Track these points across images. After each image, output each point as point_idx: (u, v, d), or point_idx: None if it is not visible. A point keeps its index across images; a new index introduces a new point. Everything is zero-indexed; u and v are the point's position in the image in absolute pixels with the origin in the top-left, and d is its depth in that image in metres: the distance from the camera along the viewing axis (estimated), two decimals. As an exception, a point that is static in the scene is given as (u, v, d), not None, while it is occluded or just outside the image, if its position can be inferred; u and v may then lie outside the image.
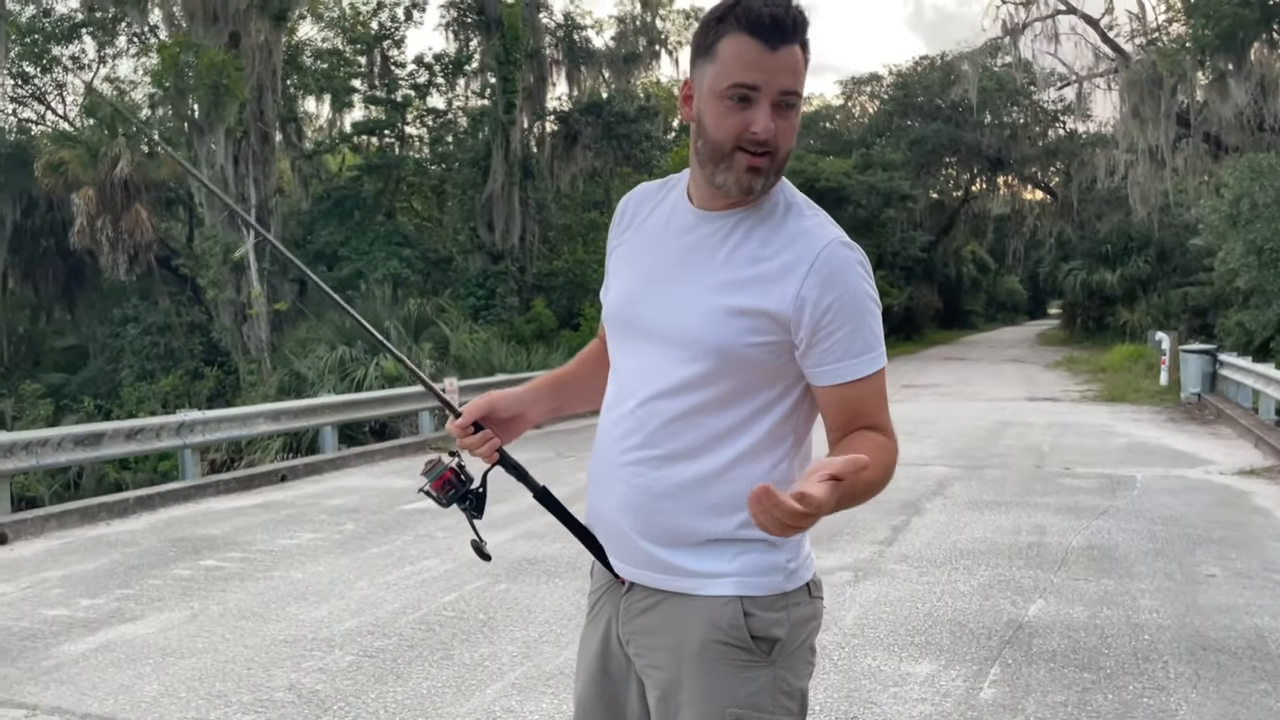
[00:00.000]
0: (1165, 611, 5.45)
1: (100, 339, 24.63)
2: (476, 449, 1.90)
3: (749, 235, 1.68)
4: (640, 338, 1.75)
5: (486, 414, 1.92)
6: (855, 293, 1.63)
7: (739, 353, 1.64)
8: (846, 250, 1.65)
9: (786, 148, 1.64)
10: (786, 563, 1.69)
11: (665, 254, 1.75)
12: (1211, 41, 24.55)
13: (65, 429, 8.98)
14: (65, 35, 26.05)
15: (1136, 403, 17.21)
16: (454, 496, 1.90)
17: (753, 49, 1.57)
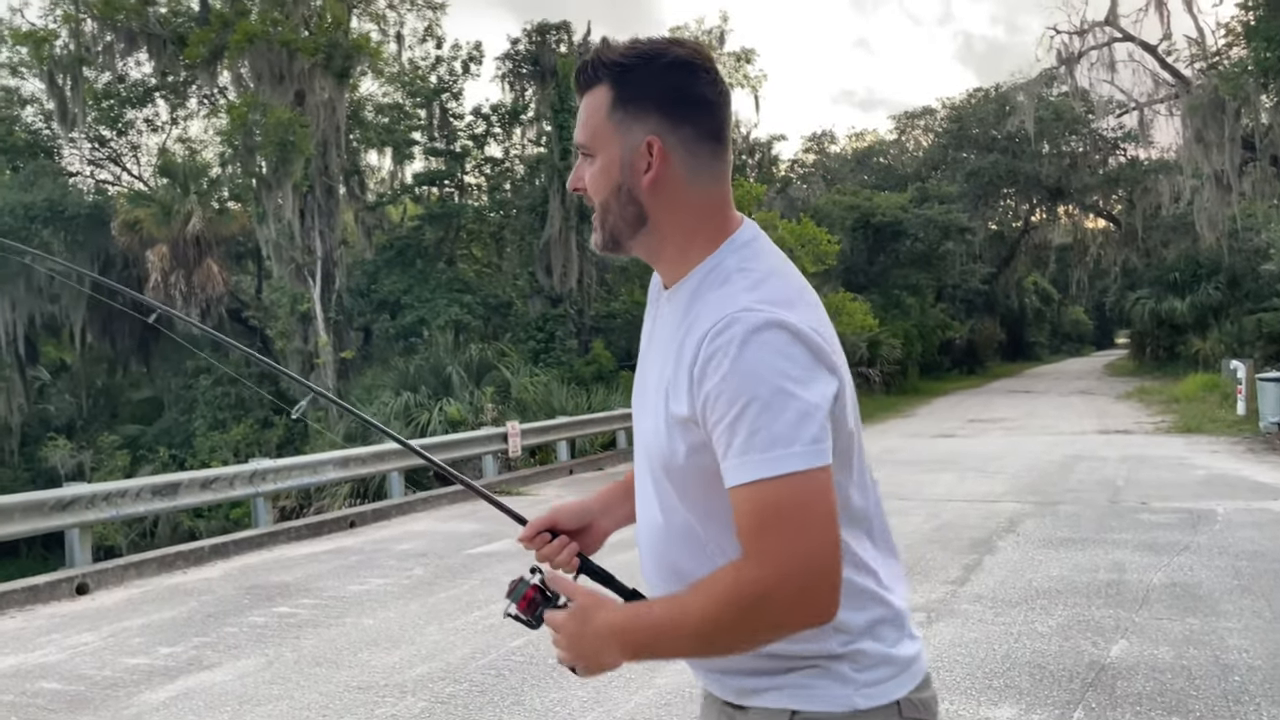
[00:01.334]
0: (1255, 651, 5.26)
1: (174, 390, 25.32)
2: (554, 558, 1.71)
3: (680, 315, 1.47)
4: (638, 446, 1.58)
5: (551, 526, 1.73)
6: (735, 374, 1.31)
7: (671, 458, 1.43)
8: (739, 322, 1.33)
9: (598, 199, 1.49)
10: (859, 671, 1.44)
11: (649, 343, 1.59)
12: (1275, 64, 24.06)
13: (143, 480, 9.24)
14: (139, 99, 27.11)
15: (1213, 433, 16.72)
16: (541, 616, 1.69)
17: None
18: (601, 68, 1.47)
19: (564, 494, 12.63)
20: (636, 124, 1.44)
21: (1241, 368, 19.02)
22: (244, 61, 21.38)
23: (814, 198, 36.76)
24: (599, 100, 1.47)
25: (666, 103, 1.44)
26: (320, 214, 22.31)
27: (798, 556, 1.30)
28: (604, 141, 1.47)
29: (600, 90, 1.47)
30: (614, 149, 1.46)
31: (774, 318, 1.33)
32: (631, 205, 1.47)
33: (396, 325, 24.29)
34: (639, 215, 1.47)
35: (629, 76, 1.45)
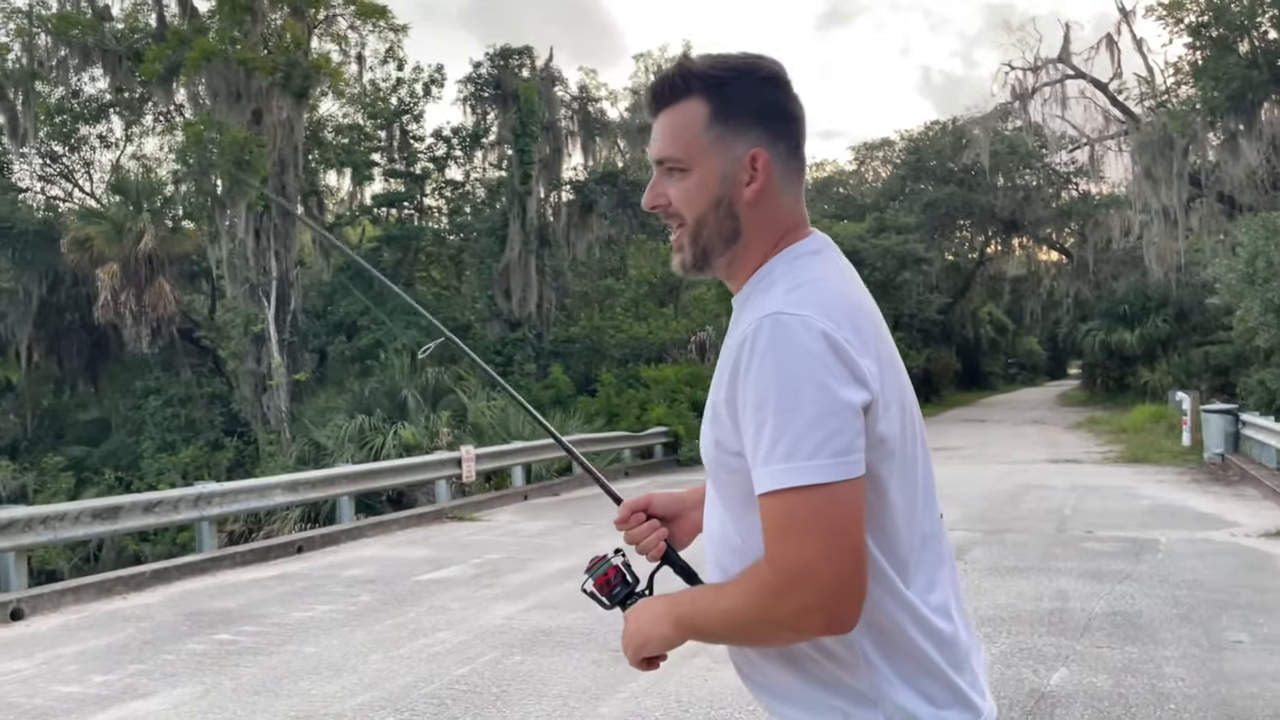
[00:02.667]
0: (1191, 680, 5.33)
1: (122, 411, 24.87)
2: (641, 541, 1.70)
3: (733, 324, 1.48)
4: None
5: (645, 508, 1.73)
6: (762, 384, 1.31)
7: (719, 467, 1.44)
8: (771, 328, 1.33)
9: (691, 214, 1.47)
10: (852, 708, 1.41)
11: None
12: (1221, 103, 24.78)
13: (83, 503, 9.04)
14: (93, 115, 26.77)
15: (1159, 463, 17.01)
16: (618, 597, 1.69)
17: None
18: (695, 80, 1.46)
19: (517, 519, 12.55)
20: (737, 138, 1.45)
21: (1187, 400, 19.39)
22: (201, 79, 21.19)
23: (773, 226, 37.02)
24: (692, 114, 1.46)
25: (766, 117, 1.46)
26: (276, 234, 22.11)
27: (805, 564, 1.29)
28: (701, 156, 1.46)
29: (692, 104, 1.46)
30: (713, 163, 1.45)
31: (802, 320, 1.32)
32: (730, 219, 1.47)
33: (353, 347, 24.09)
34: (735, 230, 1.47)
35: (728, 91, 1.45)
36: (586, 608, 7.26)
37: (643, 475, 17.67)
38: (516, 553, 9.95)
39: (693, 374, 21.45)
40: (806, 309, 1.34)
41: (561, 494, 15.28)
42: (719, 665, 5.74)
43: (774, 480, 1.30)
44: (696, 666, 5.73)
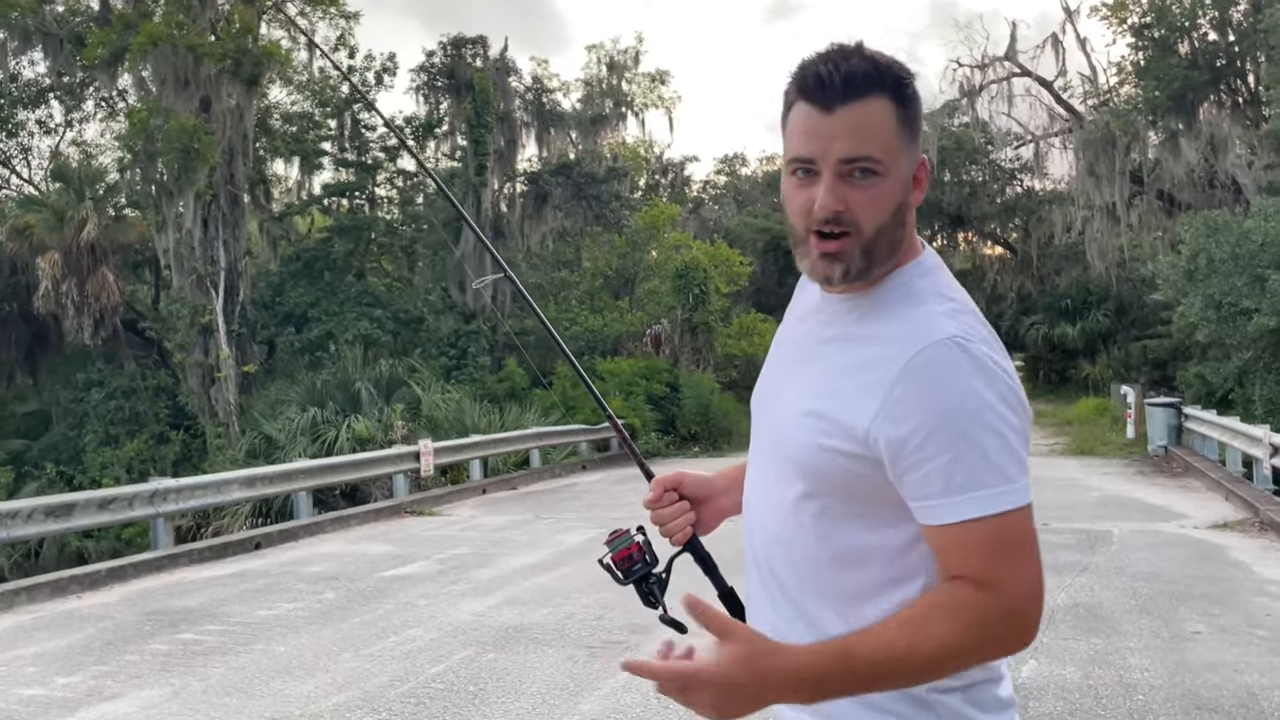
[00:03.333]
0: (1156, 671, 5.48)
1: (63, 404, 24.22)
2: (669, 524, 1.68)
3: (852, 331, 1.42)
4: (762, 442, 1.55)
5: (675, 487, 1.70)
6: (953, 409, 1.28)
7: (824, 469, 1.38)
8: (953, 352, 1.30)
9: (874, 223, 1.35)
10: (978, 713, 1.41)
11: (791, 347, 1.56)
12: (1163, 102, 25.37)
13: (36, 500, 8.81)
14: (32, 100, 25.99)
15: (1105, 456, 17.41)
16: (634, 575, 1.68)
17: (807, 115, 1.35)
18: (883, 75, 1.34)
19: (477, 514, 12.48)
20: (913, 144, 1.38)
21: (1131, 393, 19.88)
22: (146, 65, 20.68)
23: (726, 219, 37.21)
24: (885, 113, 1.34)
25: (920, 125, 1.40)
26: (225, 224, 21.69)
27: (1028, 583, 1.31)
28: (894, 159, 1.35)
29: (881, 102, 1.34)
30: (901, 167, 1.37)
31: (980, 351, 1.31)
32: (901, 228, 1.39)
33: (302, 339, 23.72)
34: (901, 239, 1.40)
35: (908, 92, 1.37)
36: (555, 605, 7.28)
37: (600, 469, 17.67)
38: (480, 548, 9.90)
39: (648, 367, 21.48)
40: (978, 334, 1.34)
41: (519, 487, 15.22)
42: (695, 660, 5.77)
43: (997, 502, 1.28)
44: (673, 662, 5.75)
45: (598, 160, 29.02)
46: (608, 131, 31.53)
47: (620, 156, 32.48)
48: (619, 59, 32.48)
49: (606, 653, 6.02)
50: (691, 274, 22.63)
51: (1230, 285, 17.46)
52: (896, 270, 1.41)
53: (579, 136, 30.24)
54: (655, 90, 33.69)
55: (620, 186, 28.21)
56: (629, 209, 27.72)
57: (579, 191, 26.20)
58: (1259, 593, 7.32)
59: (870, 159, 1.33)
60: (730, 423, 21.04)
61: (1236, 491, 11.52)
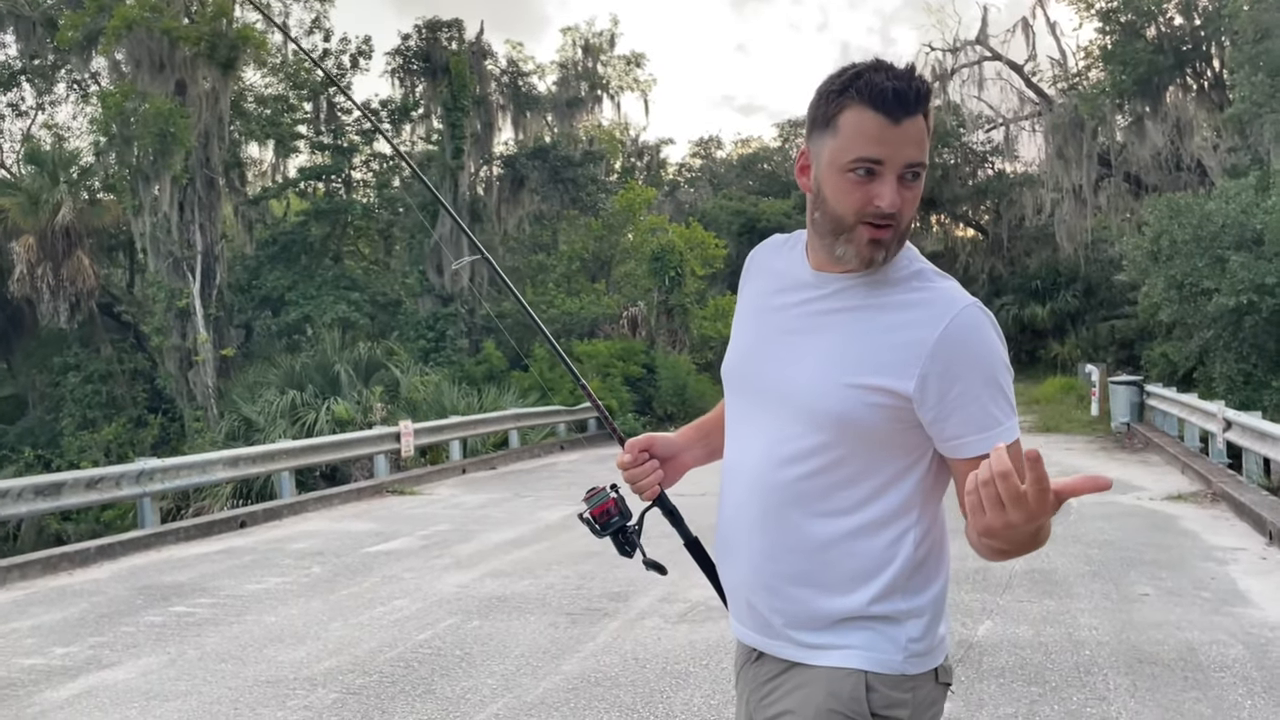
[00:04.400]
0: (1104, 629, 5.82)
1: (39, 388, 24.22)
2: (641, 480, 1.90)
3: (871, 302, 1.62)
4: (757, 404, 1.72)
5: (648, 448, 1.93)
6: (985, 364, 1.57)
7: (860, 425, 1.59)
8: (979, 316, 1.59)
9: (909, 218, 1.60)
10: (913, 642, 1.64)
11: (782, 317, 1.72)
12: (1129, 86, 25.79)
13: (26, 479, 8.97)
14: (3, 83, 25.81)
15: (1070, 432, 17.86)
16: (610, 527, 1.91)
17: (875, 123, 1.53)
18: (926, 96, 1.57)
19: (457, 493, 12.72)
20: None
21: (1095, 372, 20.33)
22: (121, 48, 20.63)
23: (701, 202, 37.45)
24: (924, 126, 1.58)
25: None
26: (201, 207, 21.71)
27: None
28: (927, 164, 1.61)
29: (920, 118, 1.57)
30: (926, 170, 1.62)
31: (990, 315, 1.61)
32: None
33: (279, 322, 23.81)
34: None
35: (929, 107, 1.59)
36: (536, 576, 7.56)
37: (577, 449, 17.94)
38: (461, 525, 10.15)
39: (625, 348, 21.74)
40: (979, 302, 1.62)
41: (498, 467, 15.47)
42: (670, 625, 6.08)
43: (1014, 433, 1.57)
44: (649, 627, 6.05)
45: (574, 143, 29.18)
46: (583, 115, 31.69)
47: (596, 140, 32.62)
48: (594, 42, 32.60)
49: (586, 619, 6.31)
50: (667, 257, 22.87)
51: (1192, 266, 17.89)
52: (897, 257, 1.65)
53: (555, 120, 30.37)
54: (630, 73, 33.85)
55: (596, 170, 28.38)
56: (605, 192, 27.90)
57: (555, 175, 26.36)
58: (1206, 558, 7.71)
59: (923, 165, 1.59)
60: (706, 403, 21.33)
61: (1192, 465, 11.94)
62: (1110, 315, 29.21)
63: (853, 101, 1.55)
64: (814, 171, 1.63)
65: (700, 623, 6.09)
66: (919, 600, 1.66)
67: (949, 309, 1.58)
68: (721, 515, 1.78)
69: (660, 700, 4.83)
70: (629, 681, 5.10)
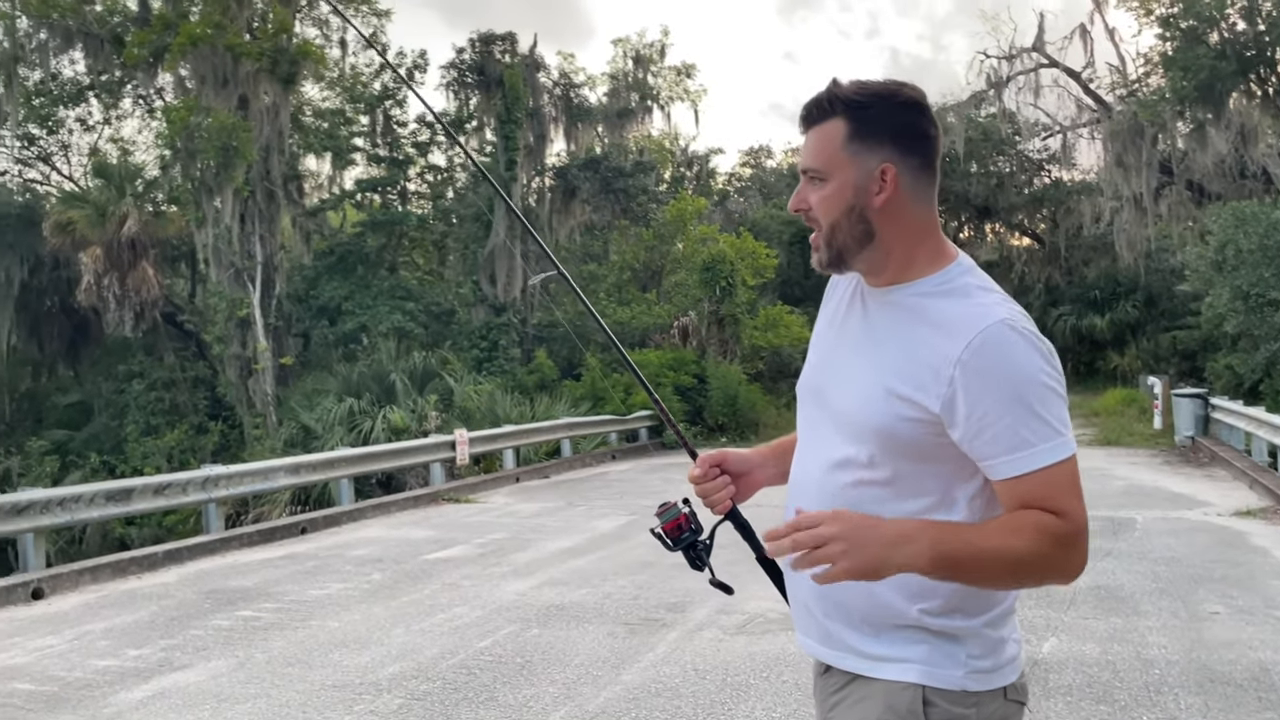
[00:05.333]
0: (1173, 647, 5.71)
1: (105, 395, 24.84)
2: (712, 495, 1.92)
3: (910, 316, 1.67)
4: (819, 415, 1.78)
5: (719, 464, 1.94)
6: (1013, 380, 1.55)
7: (901, 440, 1.62)
8: (1007, 333, 1.57)
9: (827, 219, 1.68)
10: (974, 659, 1.65)
11: (845, 330, 1.79)
12: (1190, 93, 25.28)
13: (98, 485, 9.21)
14: (72, 98, 26.58)
15: (1132, 446, 17.52)
16: (682, 542, 1.91)
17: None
18: (839, 103, 1.66)
19: (511, 501, 12.82)
20: (871, 154, 1.65)
21: (1159, 384, 19.92)
22: (185, 64, 21.15)
23: (751, 211, 37.36)
24: (833, 132, 1.66)
25: (900, 136, 1.66)
26: (261, 218, 22.17)
27: (1084, 514, 1.59)
28: (838, 168, 1.66)
29: (835, 123, 1.66)
30: (848, 175, 1.66)
31: (1027, 332, 1.59)
32: (861, 224, 1.67)
33: (336, 331, 24.20)
34: (867, 233, 1.68)
35: (866, 113, 1.65)
36: (594, 585, 7.60)
37: (629, 458, 17.98)
38: (517, 533, 10.23)
39: (676, 358, 21.76)
40: (1021, 317, 1.62)
41: (551, 476, 15.56)
42: (729, 636, 6.07)
43: (1043, 457, 1.55)
44: (708, 638, 6.06)
45: (624, 154, 29.30)
46: (634, 125, 31.80)
47: (647, 150, 32.74)
48: (645, 53, 32.71)
49: (645, 629, 6.32)
50: (718, 266, 22.86)
51: (1258, 276, 17.52)
52: (939, 270, 1.69)
53: (605, 130, 30.52)
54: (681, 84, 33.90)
55: (647, 180, 28.48)
56: (656, 202, 27.99)
57: (606, 185, 26.50)
58: (1277, 576, 7.51)
59: (813, 169, 1.69)
60: (757, 413, 21.28)
61: (1260, 480, 11.65)
62: (1172, 326, 28.62)
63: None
64: None
65: (759, 635, 6.08)
66: (980, 618, 1.67)
67: (974, 326, 1.58)
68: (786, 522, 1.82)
69: (721, 713, 4.83)
70: (690, 693, 5.10)
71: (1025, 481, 1.56)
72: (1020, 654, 1.73)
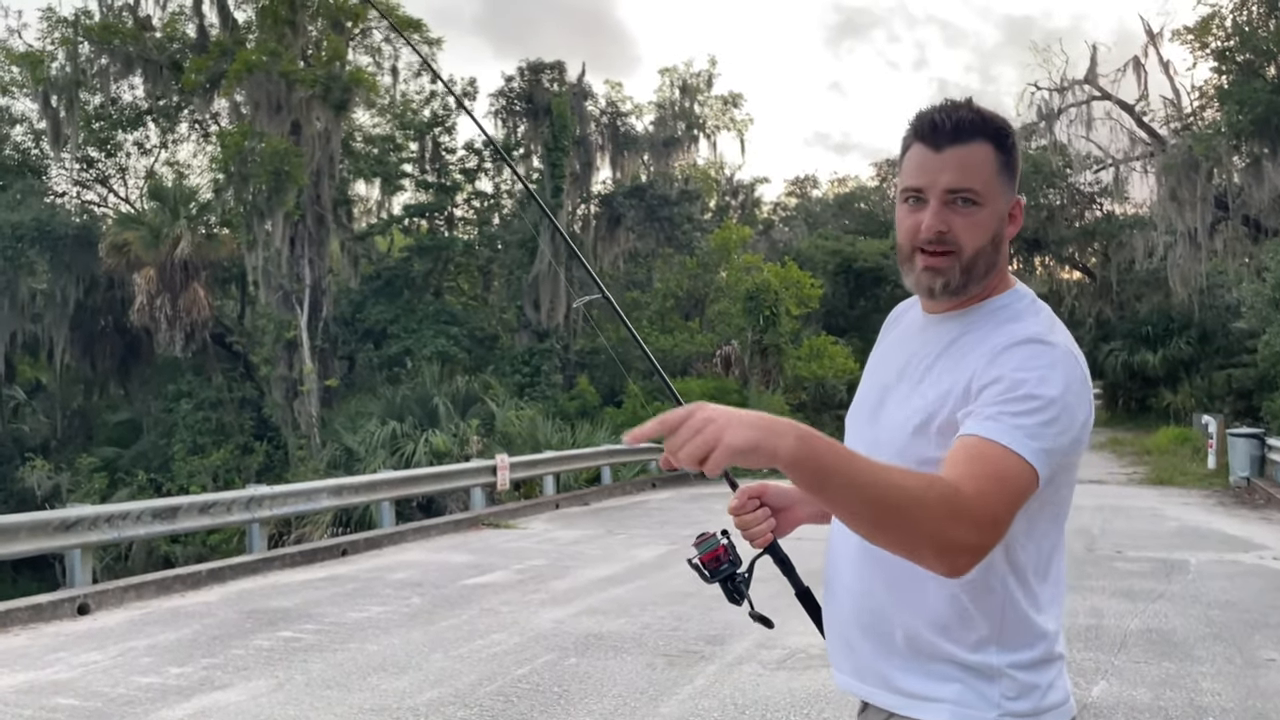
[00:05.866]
0: (1227, 694, 5.53)
1: (154, 414, 25.28)
2: (752, 528, 1.87)
3: (959, 343, 1.64)
4: (863, 444, 1.72)
5: (759, 496, 1.89)
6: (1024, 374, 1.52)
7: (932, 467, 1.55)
8: (1037, 345, 1.56)
9: (973, 245, 1.61)
10: (1009, 700, 1.60)
11: (896, 358, 1.76)
12: (1246, 127, 24.88)
13: (144, 503, 9.34)
14: (131, 122, 27.25)
15: (1185, 486, 17.12)
16: (720, 574, 1.87)
17: (920, 152, 1.62)
18: (988, 126, 1.61)
19: (551, 527, 12.80)
20: (1011, 185, 1.65)
21: (1213, 422, 19.49)
22: (241, 90, 21.63)
23: (796, 241, 37.27)
24: (985, 156, 1.61)
25: (1018, 170, 1.66)
26: (310, 242, 22.53)
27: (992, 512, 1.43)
28: (992, 194, 1.62)
29: (984, 147, 1.61)
30: (999, 203, 1.63)
31: (1057, 351, 1.56)
32: (996, 254, 1.65)
33: (381, 355, 24.45)
34: (994, 263, 1.65)
35: (1008, 142, 1.63)
36: (632, 615, 7.54)
37: (669, 486, 17.90)
38: (556, 560, 10.20)
39: (719, 386, 21.69)
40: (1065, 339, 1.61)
41: (591, 503, 15.53)
42: (769, 671, 5.98)
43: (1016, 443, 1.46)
44: (747, 672, 5.97)
45: (669, 182, 29.42)
46: (680, 153, 31.95)
47: (692, 178, 32.85)
48: (691, 82, 32.92)
49: (683, 661, 6.25)
50: (762, 295, 22.80)
51: (1316, 314, 17.11)
52: (996, 296, 1.67)
53: (651, 158, 30.69)
54: (727, 113, 34.06)
55: (692, 208, 28.57)
56: (700, 230, 28.04)
57: (651, 213, 26.60)
58: (1339, 624, 7.27)
59: (971, 190, 1.60)
60: (800, 445, 21.09)
61: (1320, 524, 11.33)
62: (1227, 364, 28.03)
63: (910, 136, 1.65)
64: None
65: (800, 670, 5.98)
66: (1017, 655, 1.61)
67: (1010, 337, 1.57)
68: (828, 557, 1.79)
69: (761, 749, 4.74)
70: (729, 728, 5.03)
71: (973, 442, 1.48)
72: (1069, 703, 1.66)
